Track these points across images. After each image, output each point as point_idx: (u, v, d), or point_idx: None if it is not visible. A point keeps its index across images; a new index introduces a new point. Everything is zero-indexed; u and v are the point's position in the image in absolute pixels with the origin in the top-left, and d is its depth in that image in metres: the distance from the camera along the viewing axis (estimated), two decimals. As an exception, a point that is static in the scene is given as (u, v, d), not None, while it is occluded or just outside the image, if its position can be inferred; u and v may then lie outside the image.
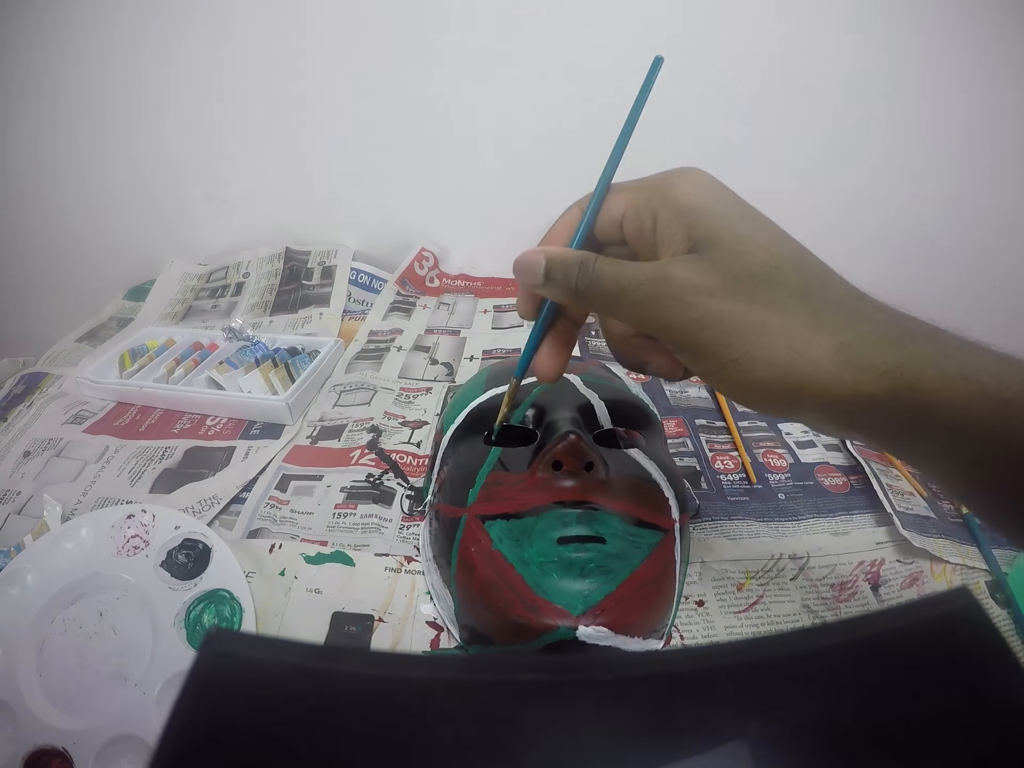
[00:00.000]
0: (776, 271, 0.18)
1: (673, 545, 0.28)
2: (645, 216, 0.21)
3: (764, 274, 0.18)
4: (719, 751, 0.11)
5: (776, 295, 0.18)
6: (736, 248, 0.18)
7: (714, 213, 0.19)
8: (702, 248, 0.19)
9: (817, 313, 0.18)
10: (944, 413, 0.17)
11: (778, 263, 0.18)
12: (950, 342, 0.18)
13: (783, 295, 0.18)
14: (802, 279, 0.18)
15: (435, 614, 0.30)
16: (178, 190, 0.68)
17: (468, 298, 0.65)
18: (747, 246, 0.18)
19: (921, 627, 0.13)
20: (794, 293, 0.18)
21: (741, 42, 0.56)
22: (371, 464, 0.40)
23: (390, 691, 0.11)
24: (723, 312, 0.18)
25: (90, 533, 0.32)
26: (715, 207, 0.19)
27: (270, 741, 0.10)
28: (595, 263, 0.20)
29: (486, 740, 0.11)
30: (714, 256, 0.18)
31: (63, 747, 0.26)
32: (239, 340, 0.52)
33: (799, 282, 0.18)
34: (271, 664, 0.11)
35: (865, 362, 0.17)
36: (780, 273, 0.18)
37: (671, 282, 0.19)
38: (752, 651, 0.13)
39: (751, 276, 0.18)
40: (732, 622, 0.30)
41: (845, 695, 0.12)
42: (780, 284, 0.18)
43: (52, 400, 0.49)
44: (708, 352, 0.19)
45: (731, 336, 0.18)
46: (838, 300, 0.18)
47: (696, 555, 0.33)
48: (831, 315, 0.18)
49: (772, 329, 0.18)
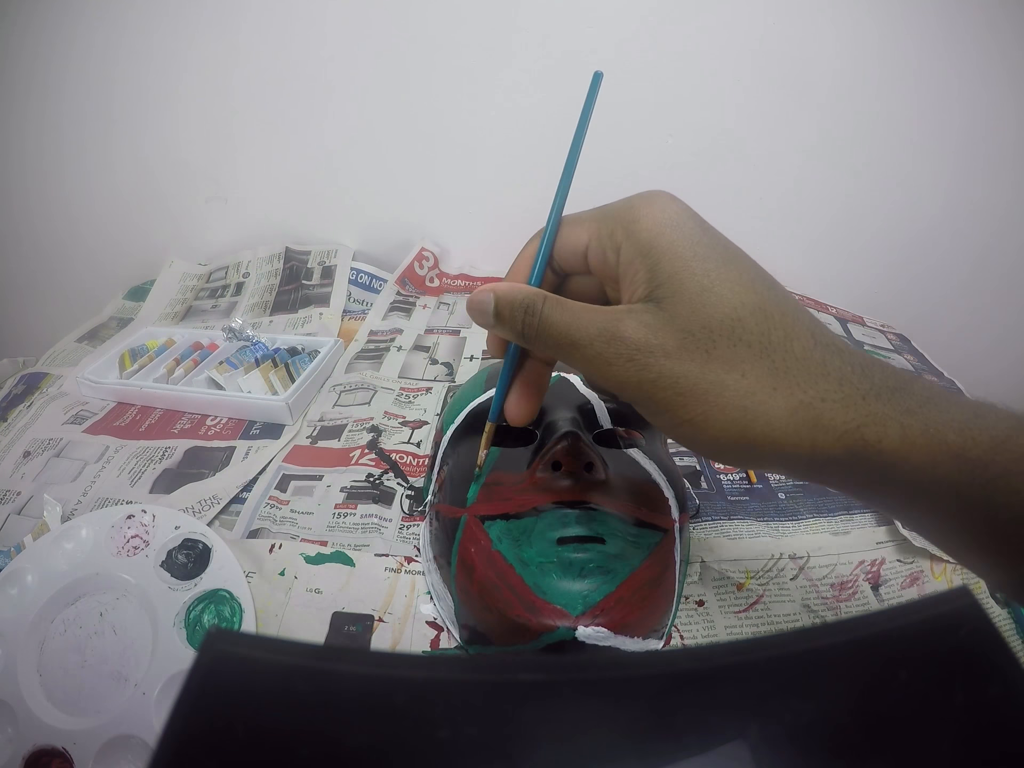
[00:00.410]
0: (737, 325, 0.18)
1: (673, 545, 0.28)
2: (608, 248, 0.20)
3: (724, 329, 0.17)
4: (719, 751, 0.11)
5: (735, 352, 0.17)
6: (697, 300, 0.18)
7: (677, 255, 0.18)
8: (661, 297, 0.18)
9: (777, 371, 0.17)
10: (906, 472, 0.16)
11: (740, 316, 0.18)
12: (918, 396, 0.17)
13: (743, 352, 0.17)
14: (764, 332, 0.18)
15: (435, 614, 0.30)
16: (178, 190, 0.68)
17: (468, 298, 0.65)
18: (709, 297, 0.18)
19: (921, 627, 0.13)
20: (754, 349, 0.17)
21: (739, 41, 0.56)
22: (371, 464, 0.40)
23: (390, 691, 0.11)
24: (678, 373, 0.17)
25: (90, 533, 0.32)
26: (679, 247, 0.18)
27: (270, 741, 0.10)
28: (543, 307, 0.19)
29: (486, 740, 0.11)
30: (673, 309, 0.18)
31: (63, 747, 0.26)
32: (239, 340, 0.52)
33: (761, 336, 0.17)
34: (271, 664, 0.11)
35: (824, 422, 0.17)
36: (742, 327, 0.17)
37: (625, 342, 0.18)
38: (752, 651, 0.13)
39: (710, 333, 0.17)
40: (732, 622, 0.30)
41: (845, 695, 0.12)
42: (741, 340, 0.17)
43: (52, 400, 0.49)
44: (663, 410, 0.18)
45: (686, 397, 0.18)
46: (803, 354, 0.17)
47: (696, 555, 0.33)
48: (792, 372, 0.17)
49: (728, 389, 0.17)
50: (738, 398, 0.17)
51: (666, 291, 0.18)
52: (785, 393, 0.17)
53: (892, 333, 0.66)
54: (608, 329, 0.18)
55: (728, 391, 0.17)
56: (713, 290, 0.18)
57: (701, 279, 0.18)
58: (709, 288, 0.18)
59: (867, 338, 0.63)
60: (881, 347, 0.62)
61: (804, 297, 0.67)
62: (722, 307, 0.18)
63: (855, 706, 0.12)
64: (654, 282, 0.18)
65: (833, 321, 0.64)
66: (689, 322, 0.18)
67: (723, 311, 0.18)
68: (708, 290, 0.18)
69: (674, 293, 0.18)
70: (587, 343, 0.19)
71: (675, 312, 0.18)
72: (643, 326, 0.18)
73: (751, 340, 0.17)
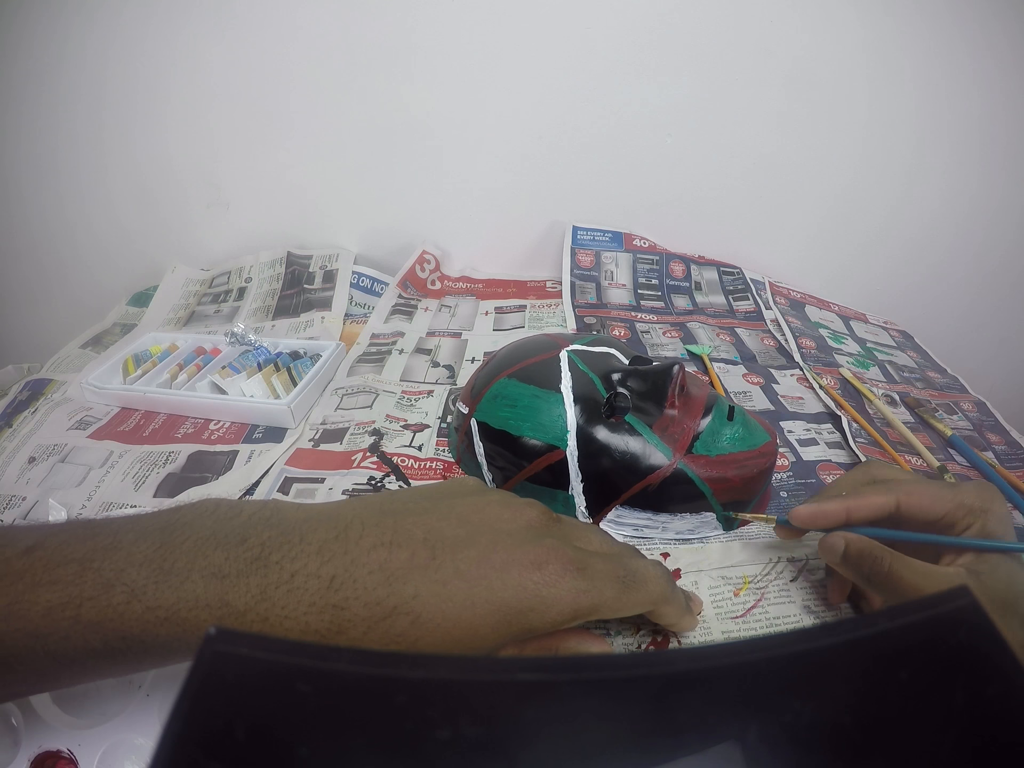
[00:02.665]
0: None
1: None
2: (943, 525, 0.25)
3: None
4: (711, 752, 0.11)
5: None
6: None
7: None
8: (980, 571, 0.24)
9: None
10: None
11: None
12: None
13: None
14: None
15: None
16: (180, 196, 0.69)
17: (470, 300, 0.65)
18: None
19: (921, 627, 0.13)
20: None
21: (739, 39, 0.56)
22: (373, 467, 0.40)
23: (390, 691, 0.11)
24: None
25: (94, 537, 0.32)
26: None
27: (270, 741, 0.10)
28: (890, 564, 0.24)
29: (486, 740, 0.11)
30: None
31: (68, 749, 0.26)
32: (241, 345, 0.53)
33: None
34: (271, 664, 0.11)
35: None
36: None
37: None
38: (751, 651, 0.13)
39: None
40: (729, 627, 0.30)
41: (844, 695, 0.12)
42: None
43: (57, 406, 0.49)
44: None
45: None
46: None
47: (693, 564, 0.32)
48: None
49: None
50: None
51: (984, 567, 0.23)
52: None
53: (895, 330, 0.65)
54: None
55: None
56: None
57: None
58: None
59: (870, 335, 0.63)
60: (884, 344, 0.62)
61: (806, 295, 0.67)
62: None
63: (855, 706, 0.12)
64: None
65: (836, 318, 0.64)
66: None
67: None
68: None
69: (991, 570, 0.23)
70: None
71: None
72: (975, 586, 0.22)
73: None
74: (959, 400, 0.53)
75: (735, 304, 0.63)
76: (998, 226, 0.65)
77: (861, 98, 0.58)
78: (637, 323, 0.59)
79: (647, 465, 0.33)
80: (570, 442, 0.33)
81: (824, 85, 0.58)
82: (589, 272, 0.65)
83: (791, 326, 0.58)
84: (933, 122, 0.59)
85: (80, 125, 0.64)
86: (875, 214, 0.65)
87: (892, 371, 0.55)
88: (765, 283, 0.65)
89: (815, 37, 0.56)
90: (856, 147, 0.61)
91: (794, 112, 0.59)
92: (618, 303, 0.63)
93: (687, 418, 0.34)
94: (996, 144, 0.60)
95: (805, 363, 0.52)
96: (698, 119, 0.60)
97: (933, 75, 0.57)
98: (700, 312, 0.62)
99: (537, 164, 0.64)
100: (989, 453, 0.45)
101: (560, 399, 0.34)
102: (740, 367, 0.52)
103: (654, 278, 0.65)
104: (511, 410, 0.35)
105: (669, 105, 0.59)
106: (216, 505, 0.21)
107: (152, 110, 0.63)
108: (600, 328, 0.57)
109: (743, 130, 0.60)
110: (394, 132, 0.63)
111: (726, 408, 0.34)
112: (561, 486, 0.34)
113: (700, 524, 0.34)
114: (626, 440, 0.33)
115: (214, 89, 0.61)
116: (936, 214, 0.65)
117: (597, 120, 0.60)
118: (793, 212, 0.65)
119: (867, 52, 0.56)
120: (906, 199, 0.64)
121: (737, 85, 0.58)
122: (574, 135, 0.61)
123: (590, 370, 0.36)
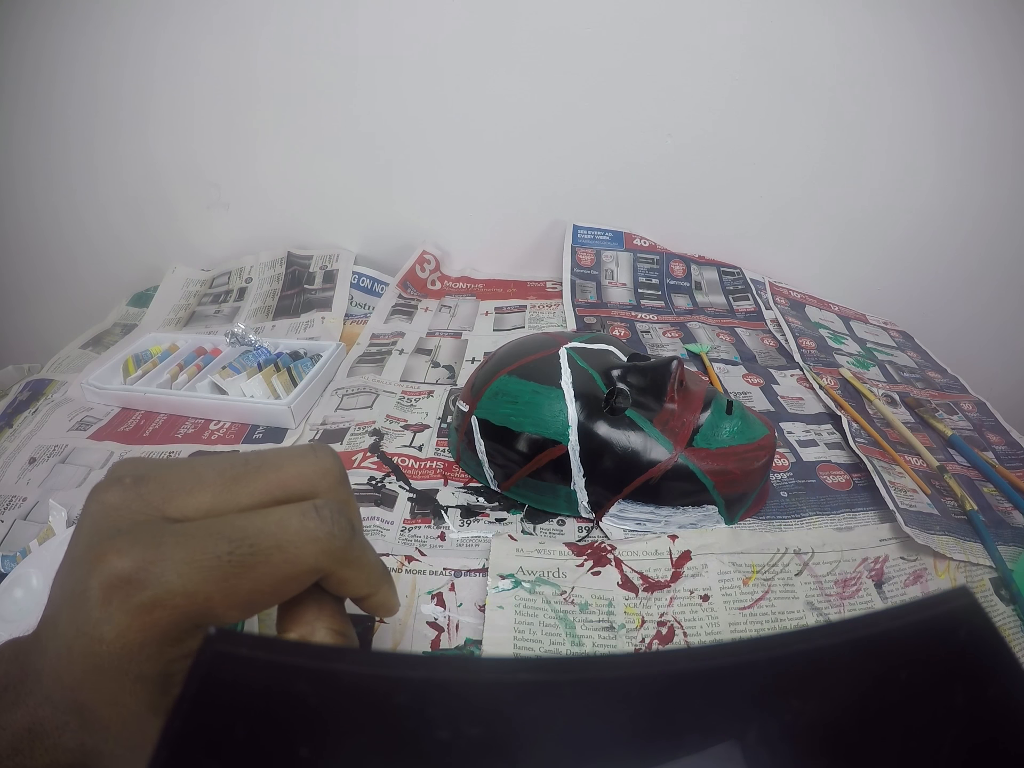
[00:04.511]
0: None
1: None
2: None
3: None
4: (711, 752, 0.11)
5: None
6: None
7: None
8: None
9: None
10: None
11: None
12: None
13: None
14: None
15: (435, 614, 0.30)
16: (180, 197, 0.69)
17: (470, 300, 0.65)
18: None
19: (922, 627, 0.13)
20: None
21: (740, 39, 0.56)
22: (373, 467, 0.40)
23: (390, 691, 0.11)
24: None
25: (95, 538, 0.33)
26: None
27: (270, 741, 0.10)
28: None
29: (486, 740, 0.11)
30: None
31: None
32: (242, 345, 0.53)
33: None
34: (271, 664, 0.11)
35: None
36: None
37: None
38: (752, 651, 0.13)
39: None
40: (737, 619, 0.30)
41: (845, 695, 0.12)
42: None
43: (57, 406, 0.49)
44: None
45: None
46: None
47: (703, 547, 0.33)
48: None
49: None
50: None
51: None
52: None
53: (895, 330, 0.65)
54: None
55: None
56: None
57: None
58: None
59: (870, 335, 0.62)
60: (884, 344, 0.62)
61: (806, 295, 0.67)
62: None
63: (855, 706, 0.12)
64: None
65: (836, 319, 0.64)
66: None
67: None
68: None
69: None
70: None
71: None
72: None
73: None
74: (959, 400, 0.53)
75: (735, 304, 0.63)
76: (999, 226, 0.65)
77: (860, 98, 0.58)
78: (637, 323, 0.59)
79: (649, 459, 0.33)
80: (572, 437, 0.34)
81: (824, 85, 0.58)
82: (590, 271, 0.65)
83: (791, 326, 0.58)
84: (933, 122, 0.59)
85: (84, 128, 0.64)
86: (875, 215, 0.65)
87: (892, 371, 0.55)
88: (765, 283, 0.65)
89: (815, 37, 0.56)
90: (856, 148, 0.61)
91: (794, 113, 0.59)
92: (618, 302, 0.63)
93: (687, 412, 0.34)
94: (998, 144, 0.60)
95: (805, 363, 0.52)
96: (698, 119, 0.60)
97: (935, 77, 0.57)
98: (700, 312, 0.62)
99: (537, 164, 0.64)
100: (989, 453, 0.45)
101: (561, 395, 0.34)
102: (740, 367, 0.52)
103: (654, 277, 0.65)
104: (512, 407, 0.35)
105: (669, 105, 0.59)
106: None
107: (152, 111, 0.63)
108: (600, 328, 0.57)
109: (743, 130, 0.60)
110: (394, 132, 0.63)
111: (724, 402, 0.35)
112: (563, 481, 0.34)
113: (702, 517, 0.34)
114: (627, 434, 0.33)
115: (215, 90, 0.61)
116: (937, 215, 0.65)
117: (597, 120, 0.60)
118: (793, 212, 0.65)
119: (867, 52, 0.56)
120: (907, 200, 0.64)
121: (737, 85, 0.58)
122: (574, 135, 0.61)
123: (589, 366, 0.36)
